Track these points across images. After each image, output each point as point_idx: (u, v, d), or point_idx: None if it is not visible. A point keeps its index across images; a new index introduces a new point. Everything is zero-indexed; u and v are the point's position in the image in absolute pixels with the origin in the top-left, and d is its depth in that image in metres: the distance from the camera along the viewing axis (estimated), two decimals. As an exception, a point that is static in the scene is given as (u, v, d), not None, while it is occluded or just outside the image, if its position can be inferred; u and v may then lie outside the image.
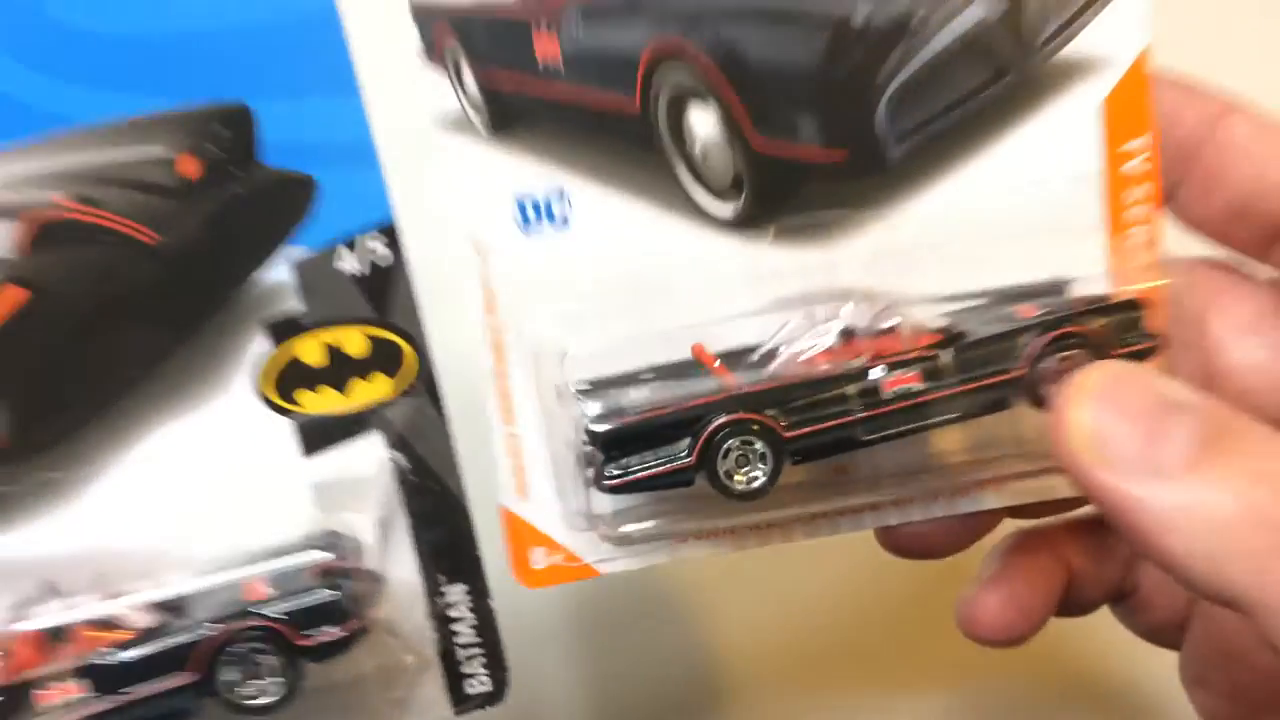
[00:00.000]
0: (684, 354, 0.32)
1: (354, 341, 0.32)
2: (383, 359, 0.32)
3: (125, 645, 0.28)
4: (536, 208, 0.33)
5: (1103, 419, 0.29)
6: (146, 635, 0.27)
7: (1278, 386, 0.37)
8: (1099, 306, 0.33)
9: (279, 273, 0.31)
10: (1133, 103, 0.37)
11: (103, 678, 0.27)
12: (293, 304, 0.32)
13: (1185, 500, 0.28)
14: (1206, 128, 0.37)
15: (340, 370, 0.32)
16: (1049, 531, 0.40)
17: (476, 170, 0.32)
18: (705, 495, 0.32)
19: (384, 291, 0.32)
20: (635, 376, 0.33)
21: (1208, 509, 0.27)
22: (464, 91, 0.32)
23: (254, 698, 0.28)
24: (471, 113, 0.32)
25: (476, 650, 0.33)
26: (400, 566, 0.32)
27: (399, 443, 0.33)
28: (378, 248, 0.31)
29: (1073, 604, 0.41)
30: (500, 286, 0.32)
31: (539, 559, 0.34)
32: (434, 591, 0.32)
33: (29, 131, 0.30)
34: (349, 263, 0.31)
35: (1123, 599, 0.41)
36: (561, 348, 0.33)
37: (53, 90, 0.29)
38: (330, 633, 0.28)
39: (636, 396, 0.32)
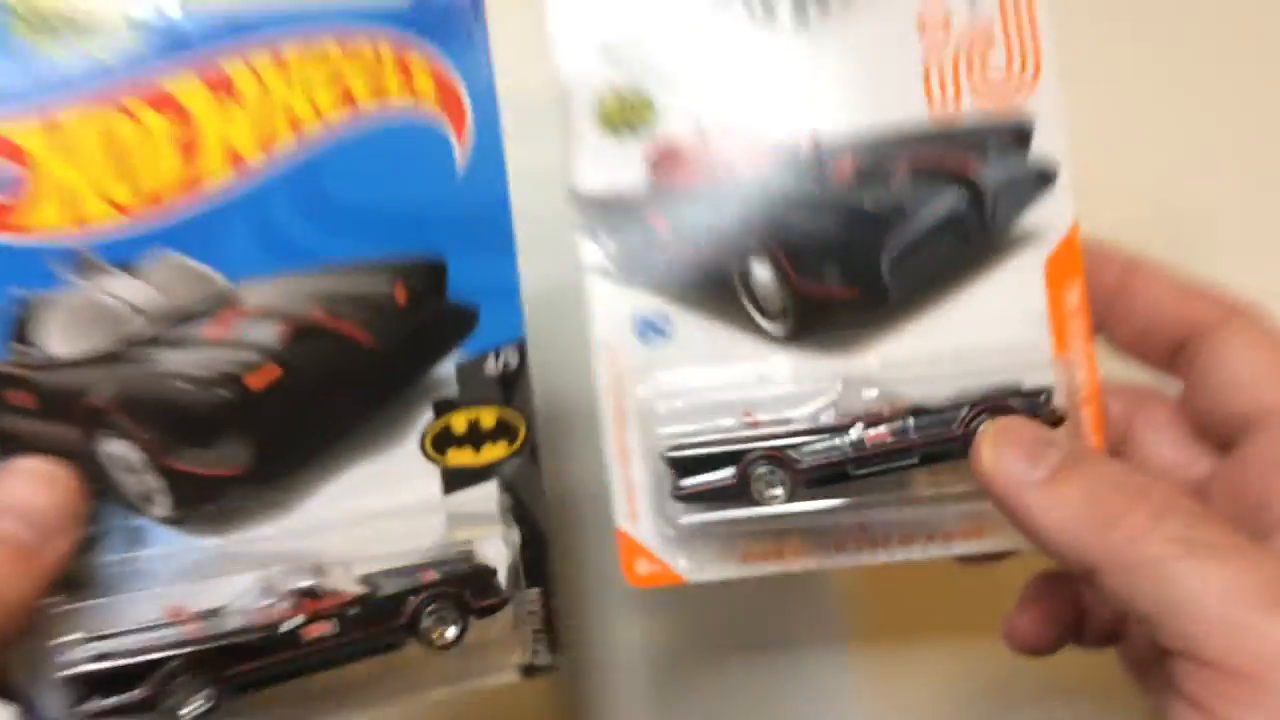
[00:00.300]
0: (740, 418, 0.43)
1: (488, 418, 0.43)
2: (504, 431, 0.44)
3: (355, 603, 0.39)
4: (649, 324, 0.44)
5: (1001, 450, 0.39)
6: (361, 599, 0.40)
7: (1178, 467, 0.45)
8: (1019, 391, 0.42)
9: (446, 369, 0.43)
10: (1068, 261, 0.44)
11: (347, 621, 0.39)
12: (451, 390, 0.43)
13: (1052, 497, 0.37)
14: (1121, 277, 0.45)
15: (476, 436, 0.43)
16: (1063, 576, 0.46)
17: (609, 298, 0.44)
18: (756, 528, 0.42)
19: (512, 387, 0.44)
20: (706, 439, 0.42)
21: (1066, 501, 0.37)
22: (605, 249, 0.44)
23: (439, 639, 0.40)
24: (610, 262, 0.44)
25: (543, 635, 0.44)
26: (501, 572, 0.44)
27: (508, 488, 0.44)
28: (511, 357, 0.43)
29: (1087, 635, 0.47)
30: (622, 373, 0.44)
31: (642, 567, 0.44)
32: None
33: (301, 264, 0.42)
34: (492, 366, 0.43)
35: (1118, 640, 0.47)
36: (659, 417, 0.43)
37: (320, 238, 0.41)
38: (490, 600, 0.41)
39: (700, 437, 0.42)
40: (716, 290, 0.44)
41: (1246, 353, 0.42)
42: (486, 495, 0.44)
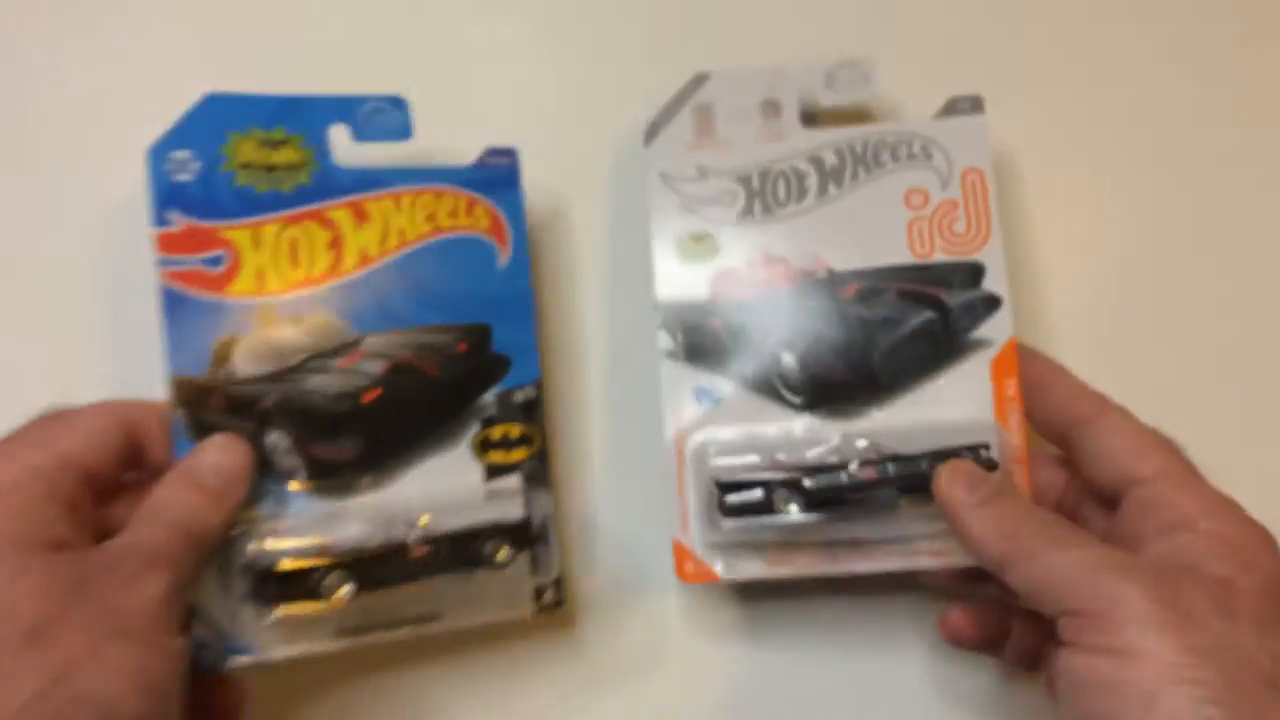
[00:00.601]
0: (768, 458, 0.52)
1: (515, 431, 0.58)
2: (525, 441, 0.58)
3: (444, 536, 0.54)
4: (704, 392, 0.56)
5: (951, 481, 0.49)
6: (447, 533, 0.55)
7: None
8: (966, 446, 0.52)
9: (489, 397, 0.58)
10: (1007, 362, 0.53)
11: (439, 545, 0.56)
12: (492, 411, 0.57)
13: (981, 515, 0.48)
14: (1040, 376, 0.53)
15: (507, 443, 0.58)
16: (1003, 601, 0.54)
17: (677, 374, 0.56)
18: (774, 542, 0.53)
19: (531, 410, 0.58)
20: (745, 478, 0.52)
21: (988, 518, 0.47)
22: (675, 339, 0.57)
23: (500, 560, 0.55)
24: (678, 349, 0.57)
25: (549, 580, 0.59)
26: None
27: (526, 479, 0.58)
28: (531, 392, 0.59)
29: (1009, 654, 0.54)
30: (683, 428, 0.56)
31: (689, 568, 0.55)
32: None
33: (401, 324, 0.57)
34: (518, 395, 0.58)
35: (1037, 667, 0.54)
36: (709, 459, 0.54)
37: (414, 309, 0.58)
38: (529, 536, 0.56)
39: (740, 469, 0.53)
40: (753, 371, 0.56)
41: (1116, 437, 0.50)
42: (513, 482, 0.59)
